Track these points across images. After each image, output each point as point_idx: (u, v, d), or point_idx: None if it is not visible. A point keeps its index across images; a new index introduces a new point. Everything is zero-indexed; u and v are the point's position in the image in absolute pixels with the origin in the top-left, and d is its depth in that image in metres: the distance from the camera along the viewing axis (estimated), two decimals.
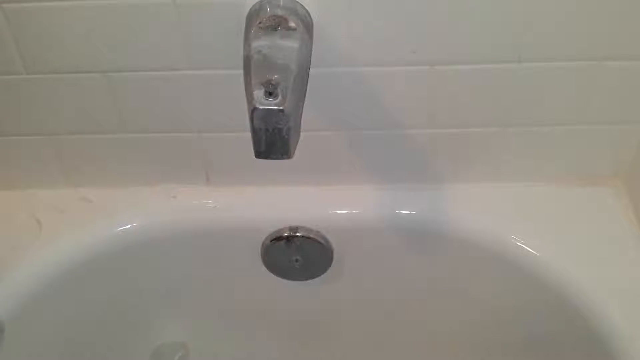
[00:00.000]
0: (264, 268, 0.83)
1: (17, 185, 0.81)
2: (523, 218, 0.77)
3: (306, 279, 0.85)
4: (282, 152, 0.58)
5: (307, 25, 0.61)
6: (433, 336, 0.91)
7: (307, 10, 0.61)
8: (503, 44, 0.66)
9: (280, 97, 0.54)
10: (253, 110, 0.54)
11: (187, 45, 0.66)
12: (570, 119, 0.73)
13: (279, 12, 0.59)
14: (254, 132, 0.56)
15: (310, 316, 0.92)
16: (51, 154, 0.78)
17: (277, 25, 0.59)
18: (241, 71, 0.58)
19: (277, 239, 0.79)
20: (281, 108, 0.54)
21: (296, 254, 0.81)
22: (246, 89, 0.56)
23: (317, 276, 0.84)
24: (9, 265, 0.73)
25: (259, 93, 0.54)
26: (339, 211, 0.79)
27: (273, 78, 0.54)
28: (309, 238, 0.79)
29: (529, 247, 0.75)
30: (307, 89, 0.62)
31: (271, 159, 0.58)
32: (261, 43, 0.57)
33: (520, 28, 0.64)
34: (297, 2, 0.61)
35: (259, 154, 0.58)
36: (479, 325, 0.86)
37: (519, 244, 0.75)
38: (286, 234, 0.79)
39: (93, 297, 0.82)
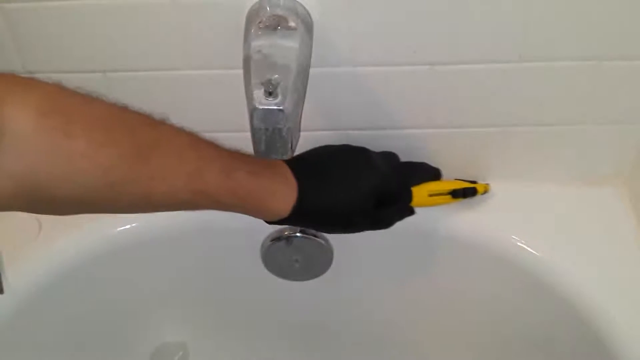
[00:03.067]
0: (264, 268, 0.83)
1: None
2: (523, 218, 0.77)
3: (306, 279, 0.85)
4: (282, 152, 0.58)
5: (307, 25, 0.61)
6: (433, 336, 0.91)
7: (307, 10, 0.61)
8: (503, 43, 0.66)
9: (280, 97, 0.54)
10: (253, 110, 0.54)
11: (186, 45, 0.66)
12: (570, 119, 0.73)
13: (279, 11, 0.59)
14: (254, 132, 0.56)
15: (310, 316, 0.92)
16: None
17: (277, 24, 0.59)
18: (241, 71, 0.58)
19: (277, 239, 0.79)
20: (281, 108, 0.54)
21: (296, 254, 0.81)
22: (246, 89, 0.56)
23: (317, 276, 0.84)
24: (8, 265, 0.73)
25: (258, 93, 0.54)
26: None
27: (273, 78, 0.54)
28: (309, 238, 0.79)
29: (529, 247, 0.75)
30: (307, 89, 0.62)
31: (271, 158, 0.58)
32: (261, 43, 0.57)
33: (521, 28, 0.64)
34: (297, 1, 0.61)
35: (258, 154, 0.58)
36: (478, 325, 0.86)
37: (519, 244, 0.75)
38: (286, 233, 0.79)
39: (92, 297, 0.82)
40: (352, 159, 0.63)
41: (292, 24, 0.59)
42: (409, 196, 0.72)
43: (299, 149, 0.64)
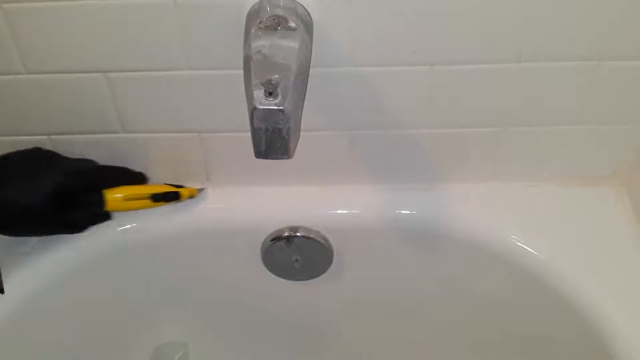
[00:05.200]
0: (264, 268, 0.83)
1: None
2: (523, 218, 0.77)
3: (306, 279, 0.85)
4: (282, 152, 0.58)
5: (307, 25, 0.61)
6: (433, 336, 0.91)
7: (307, 10, 0.62)
8: (503, 43, 0.66)
9: (280, 97, 0.54)
10: (253, 110, 0.54)
11: (187, 45, 0.66)
12: (570, 119, 0.73)
13: (279, 12, 0.59)
14: (254, 132, 0.56)
15: (310, 316, 0.92)
16: None
17: (277, 25, 0.59)
18: (241, 71, 0.58)
19: (277, 239, 0.79)
20: (281, 108, 0.54)
21: (296, 254, 0.81)
22: (246, 89, 0.56)
23: (317, 276, 0.84)
24: (7, 265, 0.73)
25: (259, 93, 0.54)
26: (339, 211, 0.79)
27: (273, 78, 0.54)
28: (309, 238, 0.79)
29: (529, 247, 0.75)
30: (307, 89, 0.62)
31: (271, 158, 0.58)
32: (261, 43, 0.57)
33: (520, 28, 0.64)
34: (297, 1, 0.61)
35: (258, 154, 0.58)
36: (478, 324, 0.86)
37: (519, 244, 0.75)
38: (286, 234, 0.79)
39: (92, 297, 0.82)
40: (32, 162, 0.64)
41: (292, 24, 0.59)
42: (99, 200, 0.72)
43: (299, 149, 0.64)
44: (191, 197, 0.78)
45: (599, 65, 0.67)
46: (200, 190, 0.79)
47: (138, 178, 0.77)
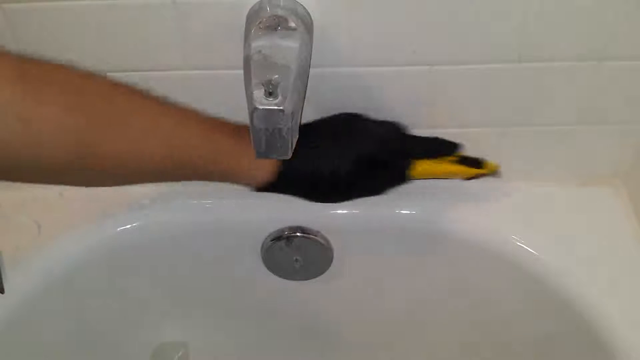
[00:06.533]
0: (264, 268, 0.83)
1: (16, 185, 0.81)
2: (523, 218, 0.77)
3: (306, 279, 0.85)
4: (282, 152, 0.58)
5: (307, 25, 0.61)
6: (432, 336, 0.91)
7: (307, 10, 0.62)
8: (503, 43, 0.66)
9: (280, 97, 0.54)
10: (253, 110, 0.54)
11: (187, 45, 0.66)
12: (570, 119, 0.73)
13: (279, 12, 0.59)
14: (254, 132, 0.56)
15: (310, 316, 0.92)
16: None
17: (277, 25, 0.59)
18: (241, 71, 0.58)
19: (277, 239, 0.79)
20: (281, 108, 0.54)
21: (296, 254, 0.81)
22: (246, 89, 0.56)
23: (317, 276, 0.84)
24: (7, 265, 0.73)
25: (259, 93, 0.54)
26: (339, 211, 0.79)
27: (273, 78, 0.55)
28: (309, 238, 0.79)
29: (529, 247, 0.75)
30: (307, 89, 0.62)
31: (271, 158, 0.58)
32: (261, 43, 0.57)
33: (520, 28, 0.64)
34: (297, 2, 0.61)
35: (259, 154, 0.58)
36: (478, 325, 0.86)
37: (519, 244, 0.75)
38: (286, 234, 0.79)
39: (92, 297, 0.82)
40: (341, 125, 0.65)
41: (292, 24, 0.59)
42: (405, 167, 0.69)
43: None
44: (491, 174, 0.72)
45: (599, 65, 0.67)
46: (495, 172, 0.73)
47: (450, 149, 0.71)
